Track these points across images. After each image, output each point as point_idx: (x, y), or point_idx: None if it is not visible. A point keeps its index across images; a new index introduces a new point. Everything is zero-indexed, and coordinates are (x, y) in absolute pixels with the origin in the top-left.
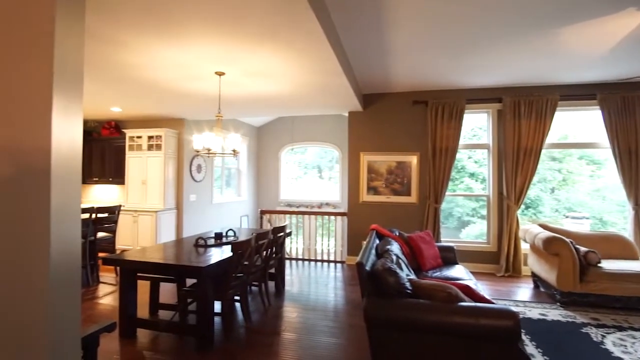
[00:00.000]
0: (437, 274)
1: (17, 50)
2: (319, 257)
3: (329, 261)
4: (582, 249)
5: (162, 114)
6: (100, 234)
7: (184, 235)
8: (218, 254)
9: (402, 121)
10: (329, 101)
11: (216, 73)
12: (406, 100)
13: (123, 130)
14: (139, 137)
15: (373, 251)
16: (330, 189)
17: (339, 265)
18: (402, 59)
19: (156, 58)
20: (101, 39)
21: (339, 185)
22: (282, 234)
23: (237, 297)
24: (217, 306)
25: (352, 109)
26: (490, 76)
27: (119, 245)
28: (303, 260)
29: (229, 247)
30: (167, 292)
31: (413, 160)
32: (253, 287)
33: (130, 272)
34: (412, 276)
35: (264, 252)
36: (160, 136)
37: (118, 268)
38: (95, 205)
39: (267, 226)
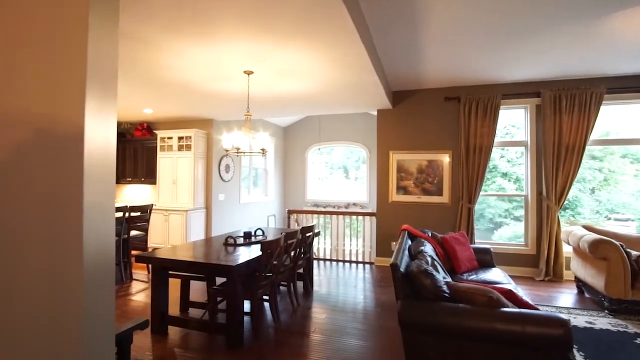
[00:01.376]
0: (474, 277)
1: (52, 48)
2: (347, 258)
3: (357, 262)
4: (634, 252)
5: (192, 115)
6: (133, 232)
7: (213, 234)
8: (247, 253)
9: (433, 119)
10: (358, 99)
11: (245, 72)
12: (437, 97)
13: (155, 131)
14: (170, 137)
15: (406, 252)
16: (357, 189)
17: (367, 266)
18: (434, 53)
19: (186, 58)
20: (132, 38)
21: (366, 185)
22: (310, 233)
23: (266, 297)
24: (247, 305)
25: (381, 107)
26: (528, 69)
27: (151, 243)
28: (331, 260)
29: (257, 246)
30: (198, 290)
31: (445, 158)
32: (281, 287)
33: (162, 270)
34: (449, 279)
35: (293, 252)
36: (190, 137)
37: (150, 266)
38: (129, 205)
39: (294, 226)
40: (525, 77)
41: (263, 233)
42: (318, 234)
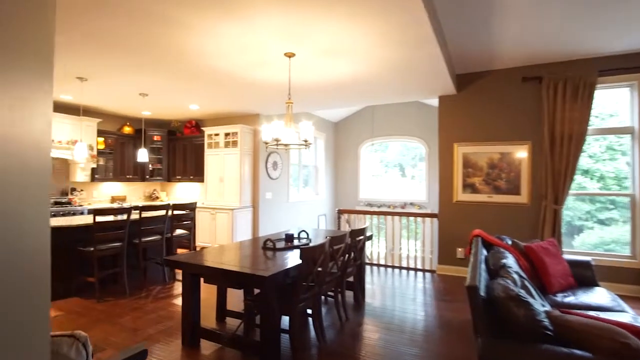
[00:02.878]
0: (571, 298)
1: None
2: (403, 264)
3: (415, 269)
4: None
5: (237, 110)
6: (179, 231)
7: (259, 234)
8: (287, 260)
9: (507, 104)
10: (415, 83)
11: (285, 55)
12: (513, 78)
13: (202, 128)
14: (217, 134)
15: (482, 266)
16: (414, 187)
17: (427, 274)
18: (510, 24)
19: (222, 42)
20: (165, 21)
21: (425, 183)
22: (361, 237)
23: (309, 310)
24: (286, 320)
25: (443, 93)
26: (635, 36)
27: (198, 242)
28: (385, 266)
29: (299, 250)
30: (237, 296)
31: (522, 151)
32: (328, 297)
33: (192, 275)
34: (547, 306)
35: (341, 258)
36: (236, 133)
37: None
38: (172, 203)
39: (345, 227)
40: (632, 46)
41: (307, 236)
42: (370, 237)
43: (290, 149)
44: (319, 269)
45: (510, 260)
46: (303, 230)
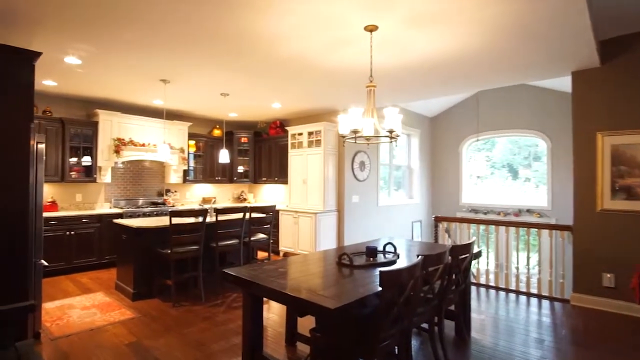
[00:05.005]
0: None
1: None
2: (521, 288)
3: (539, 296)
4: None
5: (318, 107)
6: (258, 235)
7: (345, 241)
8: (366, 282)
9: None
10: (544, 54)
11: (366, 29)
12: None
13: (286, 128)
14: (300, 134)
15: None
16: (528, 191)
17: (557, 305)
18: None
19: (294, 21)
20: (235, 5)
21: (548, 186)
22: (466, 255)
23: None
24: None
25: (580, 66)
26: None
27: (282, 246)
28: (496, 289)
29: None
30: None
31: None
32: (422, 330)
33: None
34: None
35: (439, 282)
36: (320, 131)
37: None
38: (257, 205)
39: (443, 237)
40: None
41: (395, 250)
42: (479, 254)
43: (375, 144)
44: (411, 293)
45: None
46: (389, 243)
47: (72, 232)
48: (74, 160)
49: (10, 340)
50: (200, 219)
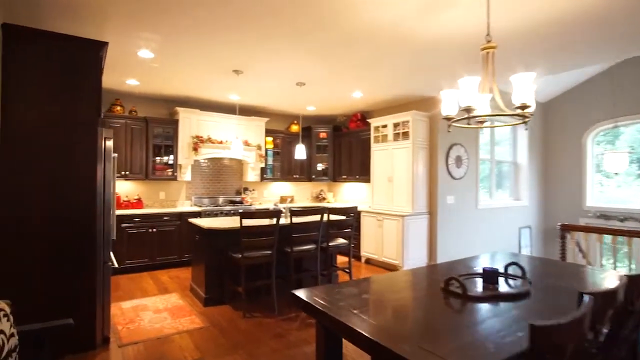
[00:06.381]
0: None
1: None
2: None
3: None
4: None
5: (406, 93)
6: (337, 240)
7: (437, 251)
8: (492, 328)
9: None
10: None
11: None
12: None
13: (368, 120)
14: (384, 126)
15: None
16: None
17: None
18: None
19: None
20: None
21: None
22: None
23: None
24: None
25: None
26: None
27: (364, 251)
28: None
29: (512, 305)
30: None
31: None
32: None
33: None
34: None
35: (610, 330)
36: (407, 122)
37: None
38: (336, 206)
39: (573, 251)
40: None
41: (523, 273)
42: None
43: (490, 128)
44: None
45: None
46: (514, 263)
47: (154, 230)
48: (157, 158)
49: None
50: (274, 221)
